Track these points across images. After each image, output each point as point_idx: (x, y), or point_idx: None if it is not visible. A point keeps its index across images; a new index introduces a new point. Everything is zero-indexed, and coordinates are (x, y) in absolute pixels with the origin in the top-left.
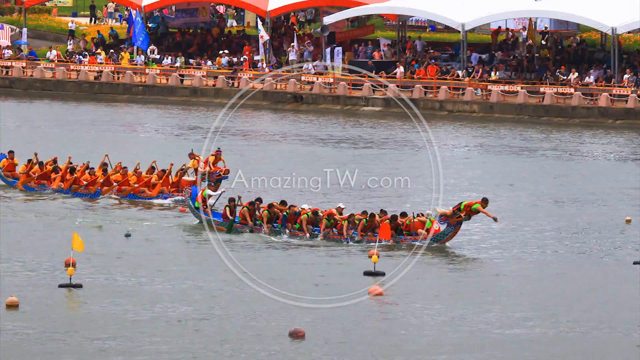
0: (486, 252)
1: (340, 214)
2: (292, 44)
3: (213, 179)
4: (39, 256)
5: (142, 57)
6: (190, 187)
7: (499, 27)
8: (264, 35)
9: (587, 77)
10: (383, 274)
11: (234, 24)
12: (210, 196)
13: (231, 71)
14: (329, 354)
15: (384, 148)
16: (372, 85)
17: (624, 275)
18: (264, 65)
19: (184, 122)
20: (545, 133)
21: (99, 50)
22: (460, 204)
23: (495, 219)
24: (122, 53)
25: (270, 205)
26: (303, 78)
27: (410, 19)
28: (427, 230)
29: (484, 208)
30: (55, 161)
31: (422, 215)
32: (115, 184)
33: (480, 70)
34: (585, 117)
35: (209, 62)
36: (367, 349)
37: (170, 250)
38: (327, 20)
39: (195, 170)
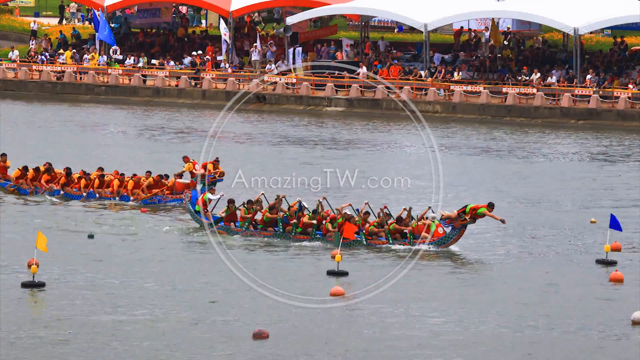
0: (474, 254)
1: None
2: (254, 44)
3: (208, 182)
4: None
5: (105, 57)
6: (190, 191)
7: (462, 27)
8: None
9: (549, 78)
10: (346, 274)
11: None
12: (210, 200)
13: (194, 71)
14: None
15: (370, 149)
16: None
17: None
18: (227, 65)
19: (148, 122)
20: (508, 133)
21: (61, 50)
22: (466, 206)
23: (502, 221)
24: (93, 54)
25: (272, 207)
26: (266, 78)
27: (374, 19)
28: (430, 233)
29: (489, 212)
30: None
31: (426, 218)
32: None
33: (443, 70)
34: (547, 118)
35: (172, 63)
36: (350, 350)
37: (169, 253)
38: (290, 20)
39: (191, 173)
